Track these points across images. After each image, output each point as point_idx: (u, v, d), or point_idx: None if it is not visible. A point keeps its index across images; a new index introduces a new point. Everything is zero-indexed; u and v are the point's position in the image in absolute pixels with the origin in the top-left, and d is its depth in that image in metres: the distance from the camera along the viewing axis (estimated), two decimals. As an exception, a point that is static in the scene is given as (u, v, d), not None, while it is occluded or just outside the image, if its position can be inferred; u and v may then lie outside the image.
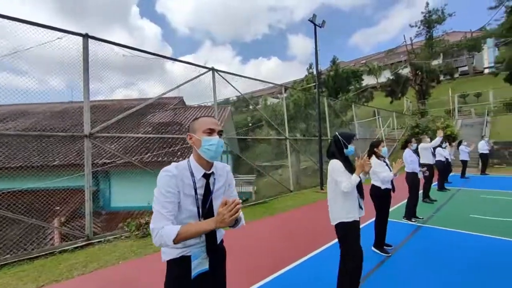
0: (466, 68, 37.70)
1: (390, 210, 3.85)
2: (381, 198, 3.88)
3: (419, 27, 28.16)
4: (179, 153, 10.33)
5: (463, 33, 34.36)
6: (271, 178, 9.60)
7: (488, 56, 36.13)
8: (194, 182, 1.42)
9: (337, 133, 2.79)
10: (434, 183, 7.96)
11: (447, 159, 9.38)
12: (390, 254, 3.81)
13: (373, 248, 3.95)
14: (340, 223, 2.64)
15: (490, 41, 32.65)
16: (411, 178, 5.37)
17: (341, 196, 2.61)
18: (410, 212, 5.39)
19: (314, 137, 10.42)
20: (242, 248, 4.31)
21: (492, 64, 25.73)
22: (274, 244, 4.52)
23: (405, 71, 26.64)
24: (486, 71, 33.23)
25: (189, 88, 7.94)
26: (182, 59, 7.05)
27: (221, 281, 1.55)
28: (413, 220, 5.34)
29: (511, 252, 3.73)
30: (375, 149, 3.95)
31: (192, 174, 1.43)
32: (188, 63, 6.99)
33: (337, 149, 2.73)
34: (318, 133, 9.65)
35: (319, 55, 9.37)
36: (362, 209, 2.69)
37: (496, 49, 31.61)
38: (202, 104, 15.37)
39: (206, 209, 1.43)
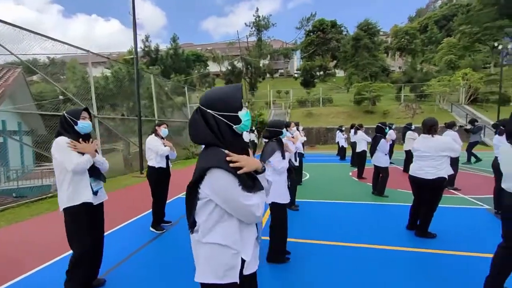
0: (283, 70, 48.82)
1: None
2: (156, 178, 3.86)
3: (252, 28, 32.88)
4: None
5: (282, 42, 43.93)
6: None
7: (295, 64, 48.30)
8: None
9: (64, 113, 2.35)
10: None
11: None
12: (165, 230, 3.93)
13: (150, 229, 3.93)
14: (64, 209, 2.26)
15: (298, 53, 44.05)
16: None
17: (68, 178, 2.22)
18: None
19: (135, 118, 9.46)
20: None
21: (296, 71, 34.72)
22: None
23: (240, 64, 30.48)
24: (295, 75, 44.68)
25: None
26: None
27: None
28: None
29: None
30: (156, 128, 3.89)
31: None
32: None
33: (63, 129, 2.30)
34: (149, 112, 8.85)
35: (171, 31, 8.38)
36: (94, 193, 2.40)
37: (300, 60, 42.95)
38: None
39: None
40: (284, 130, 2.94)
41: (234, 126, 1.17)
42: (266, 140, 2.94)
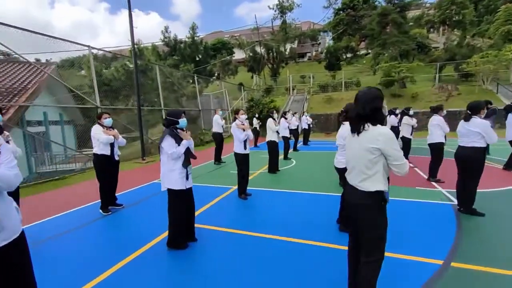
0: (311, 54, 46.48)
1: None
2: (99, 164, 4.19)
3: (275, 11, 31.75)
4: None
5: (310, 23, 41.63)
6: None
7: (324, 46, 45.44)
8: None
9: None
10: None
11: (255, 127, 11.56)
12: (111, 212, 4.29)
13: (99, 210, 4.32)
14: None
15: (330, 35, 41.37)
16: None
17: None
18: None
19: (131, 107, 10.13)
20: None
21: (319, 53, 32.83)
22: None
23: (262, 50, 29.88)
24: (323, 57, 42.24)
25: None
26: None
27: None
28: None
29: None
30: (98, 121, 4.19)
31: None
32: None
33: None
34: (158, 102, 9.41)
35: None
36: None
37: (331, 42, 40.36)
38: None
39: None
40: (181, 120, 2.96)
41: None
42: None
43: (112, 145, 4.21)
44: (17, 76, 12.59)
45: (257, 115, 11.70)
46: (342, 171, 3.17)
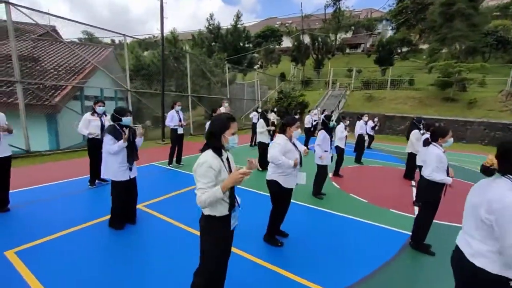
0: (368, 45, 42.64)
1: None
2: (89, 145, 4.90)
3: (328, -2, 29.84)
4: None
5: (368, 11, 37.98)
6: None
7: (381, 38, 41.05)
8: None
9: None
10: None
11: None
12: (96, 186, 5.03)
13: (88, 183, 5.09)
14: None
15: (390, 24, 37.26)
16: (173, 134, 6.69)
17: None
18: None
19: (159, 92, 11.03)
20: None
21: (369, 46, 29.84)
22: None
23: (307, 40, 28.66)
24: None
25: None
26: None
27: None
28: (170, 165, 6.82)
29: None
30: (93, 106, 4.86)
31: None
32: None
33: None
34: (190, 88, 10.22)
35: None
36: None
37: (391, 32, 36.30)
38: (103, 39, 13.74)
39: None
40: (124, 118, 3.28)
41: None
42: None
43: (102, 130, 4.87)
44: (79, 56, 14.67)
45: (275, 110, 11.50)
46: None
